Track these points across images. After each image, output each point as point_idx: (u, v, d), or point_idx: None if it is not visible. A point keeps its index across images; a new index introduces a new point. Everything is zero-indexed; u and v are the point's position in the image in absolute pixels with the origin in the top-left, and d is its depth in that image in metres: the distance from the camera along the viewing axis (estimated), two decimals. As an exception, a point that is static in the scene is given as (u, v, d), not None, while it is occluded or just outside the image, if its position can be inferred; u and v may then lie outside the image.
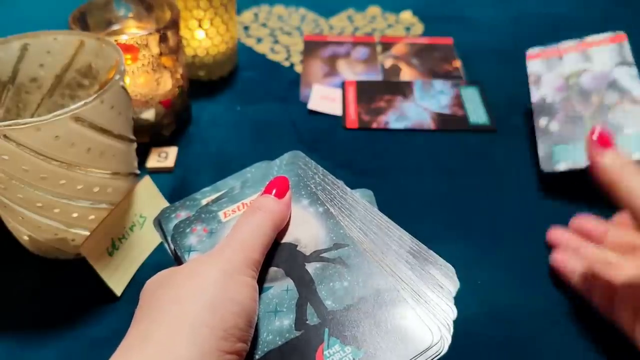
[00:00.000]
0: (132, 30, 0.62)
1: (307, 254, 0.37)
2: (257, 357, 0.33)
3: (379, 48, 0.79)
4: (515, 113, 0.66)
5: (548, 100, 0.60)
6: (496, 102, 0.68)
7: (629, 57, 0.59)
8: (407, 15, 0.86)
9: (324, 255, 0.37)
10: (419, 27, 0.84)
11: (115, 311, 0.45)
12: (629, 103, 0.55)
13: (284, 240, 0.38)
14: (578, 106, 0.57)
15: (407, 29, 0.83)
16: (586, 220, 0.49)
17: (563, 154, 0.55)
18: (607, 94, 0.56)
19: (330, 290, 0.35)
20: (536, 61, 0.64)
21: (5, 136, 0.38)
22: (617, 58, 0.59)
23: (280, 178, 0.39)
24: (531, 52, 0.65)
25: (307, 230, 0.38)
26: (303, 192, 0.40)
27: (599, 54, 0.61)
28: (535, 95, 0.61)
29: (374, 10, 0.88)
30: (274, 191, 0.38)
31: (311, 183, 0.41)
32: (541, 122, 0.59)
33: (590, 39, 0.62)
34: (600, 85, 0.58)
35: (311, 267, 0.36)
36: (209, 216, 0.40)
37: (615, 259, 0.43)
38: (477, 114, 0.66)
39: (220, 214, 0.40)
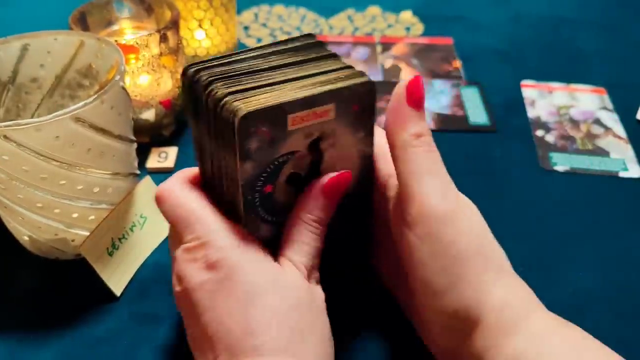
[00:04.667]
0: (132, 30, 0.62)
1: None
2: None
3: (379, 48, 0.79)
4: (515, 113, 0.66)
5: (543, 119, 0.65)
6: (496, 102, 0.68)
7: (609, 106, 0.66)
8: (407, 15, 0.86)
9: None
10: (419, 27, 0.84)
11: (115, 311, 0.45)
12: (612, 137, 0.62)
13: None
14: (570, 130, 0.62)
15: (407, 29, 0.83)
16: None
17: (560, 159, 0.59)
18: (594, 126, 0.63)
19: None
20: (530, 89, 0.69)
21: (5, 137, 0.38)
22: (600, 104, 0.67)
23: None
24: (525, 82, 0.71)
25: None
26: None
27: (584, 97, 0.68)
28: (531, 113, 0.66)
29: (373, 10, 0.88)
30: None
31: None
32: (538, 132, 0.63)
33: (575, 85, 0.70)
34: (587, 118, 0.64)
35: None
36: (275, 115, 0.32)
37: None
38: (477, 114, 0.66)
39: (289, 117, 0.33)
